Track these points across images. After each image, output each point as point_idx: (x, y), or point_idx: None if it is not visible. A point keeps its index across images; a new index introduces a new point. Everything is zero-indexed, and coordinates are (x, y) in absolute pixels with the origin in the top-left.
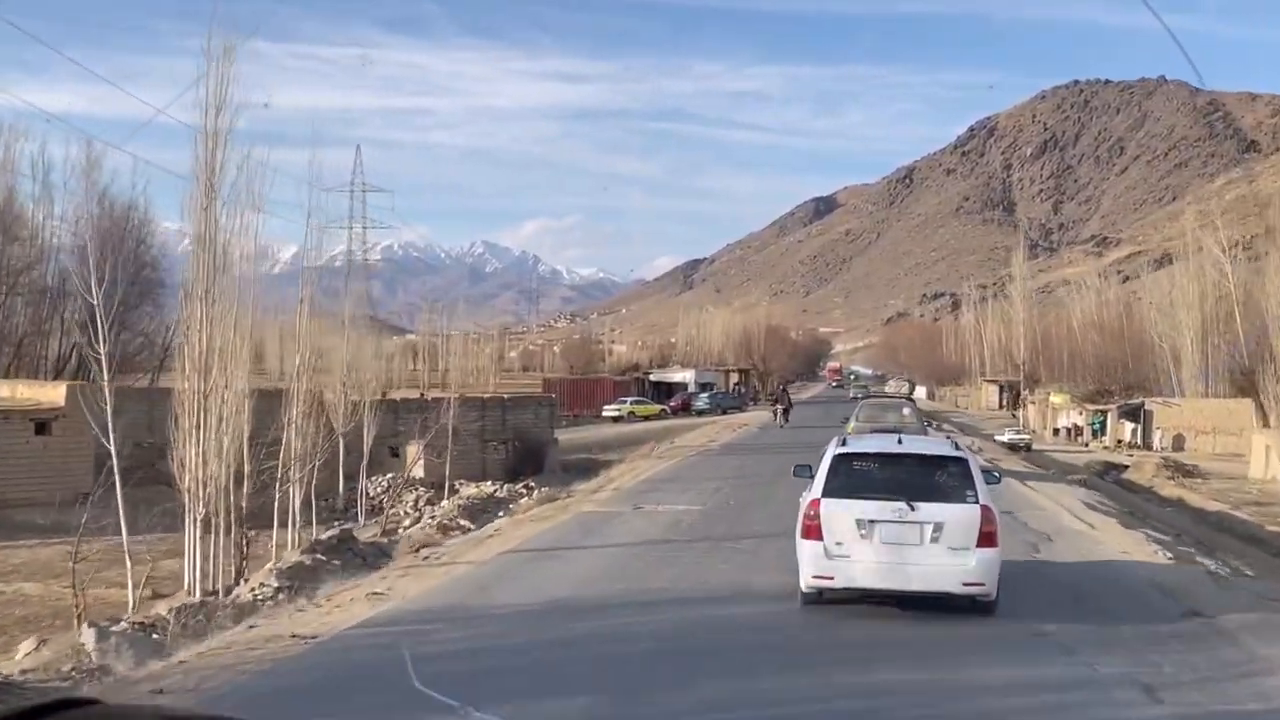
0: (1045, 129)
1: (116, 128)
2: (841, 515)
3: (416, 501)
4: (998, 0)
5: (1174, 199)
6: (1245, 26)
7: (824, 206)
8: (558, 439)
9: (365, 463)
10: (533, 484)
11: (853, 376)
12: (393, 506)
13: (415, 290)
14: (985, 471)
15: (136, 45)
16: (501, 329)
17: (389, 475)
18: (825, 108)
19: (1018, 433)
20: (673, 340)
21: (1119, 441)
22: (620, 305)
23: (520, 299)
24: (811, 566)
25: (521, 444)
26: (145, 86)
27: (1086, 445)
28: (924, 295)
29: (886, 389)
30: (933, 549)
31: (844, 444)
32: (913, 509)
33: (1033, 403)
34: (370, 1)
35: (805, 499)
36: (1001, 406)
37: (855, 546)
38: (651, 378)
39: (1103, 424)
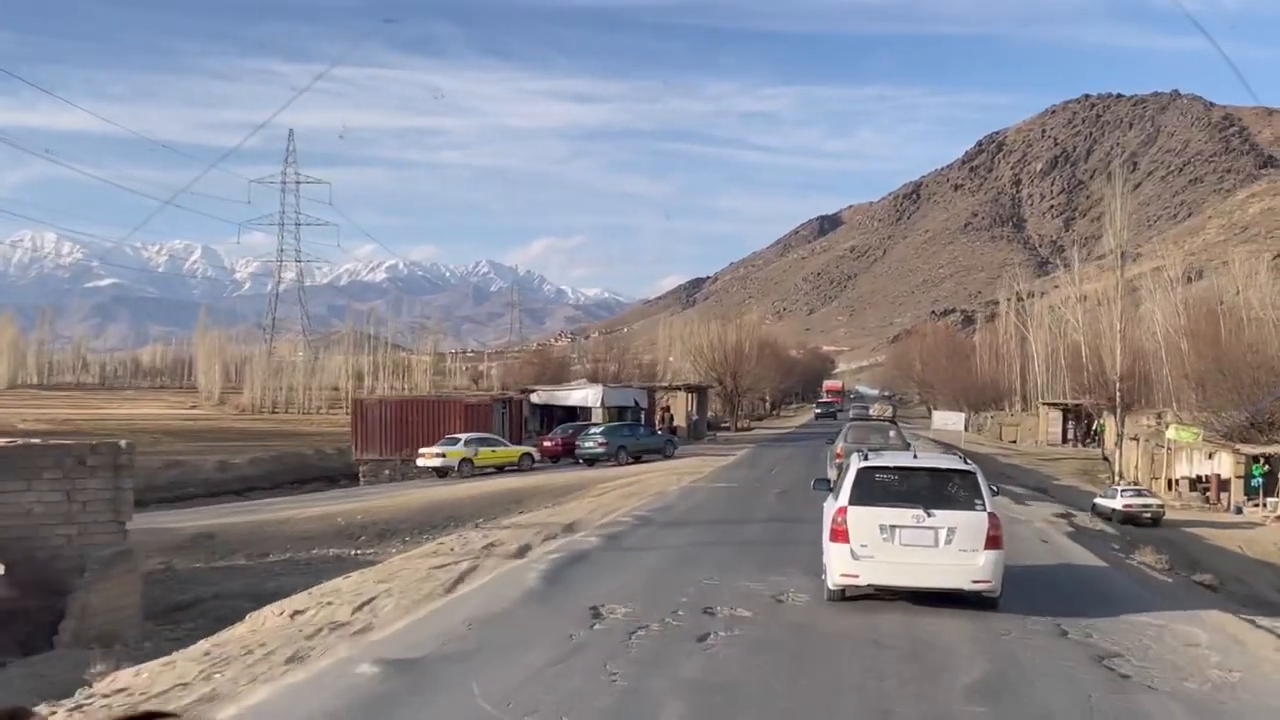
0: (1055, 144)
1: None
2: (866, 521)
3: None
4: (1011, 23)
5: (1190, 215)
6: (1258, 44)
7: (828, 224)
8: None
9: None
10: None
11: (853, 397)
12: None
13: (420, 310)
14: (989, 486)
15: (151, 64)
16: (435, 344)
17: None
18: (837, 129)
19: (1138, 493)
20: (651, 358)
21: None
22: (623, 324)
23: (524, 318)
24: (839, 566)
25: None
26: (161, 105)
27: (1240, 511)
28: (932, 312)
29: (870, 412)
30: (946, 550)
31: (866, 458)
32: (929, 515)
33: (1132, 438)
34: (385, 23)
35: (830, 507)
36: (1066, 440)
37: (878, 548)
38: (535, 398)
39: (1268, 475)
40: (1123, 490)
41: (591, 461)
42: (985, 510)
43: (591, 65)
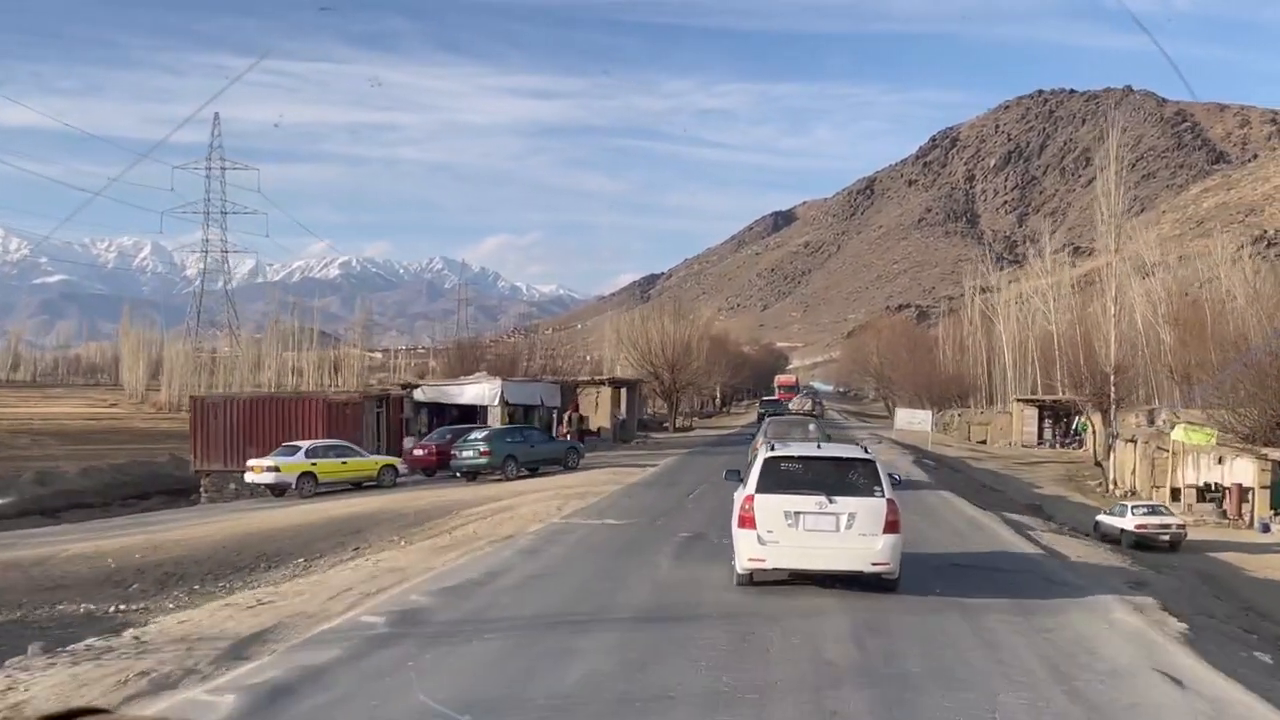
0: (1009, 140)
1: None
2: (772, 508)
3: None
4: (965, 21)
5: (1143, 210)
6: (1208, 44)
7: (782, 220)
8: None
9: None
10: None
11: (807, 392)
12: None
13: (373, 306)
14: (889, 475)
15: (101, 58)
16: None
17: None
18: (793, 126)
19: (1152, 511)
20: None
21: None
22: (576, 320)
23: (478, 315)
24: (747, 551)
25: None
26: (110, 99)
27: (1267, 528)
28: (886, 308)
29: (790, 407)
30: (847, 535)
31: (773, 449)
32: (831, 501)
33: (1129, 440)
34: (340, 16)
35: (739, 495)
36: (1042, 439)
37: (783, 534)
38: (420, 394)
39: None
40: (1134, 507)
41: (473, 475)
42: (884, 497)
43: (548, 62)
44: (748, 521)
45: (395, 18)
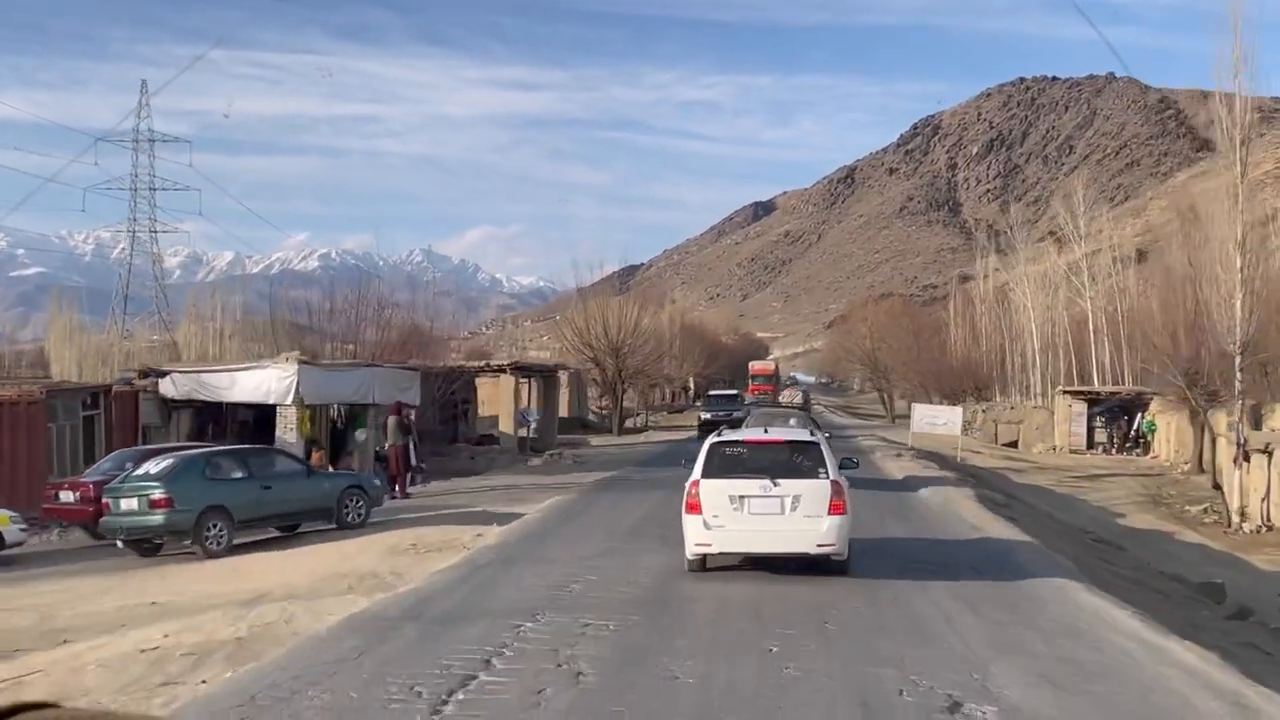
0: (991, 127)
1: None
2: (717, 492)
3: None
4: (948, 13)
5: (1128, 198)
6: (1189, 33)
7: (762, 210)
8: None
9: None
10: None
11: (789, 383)
12: None
13: (353, 298)
14: (845, 457)
15: (83, 51)
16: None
17: None
18: (777, 117)
19: None
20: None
21: None
22: (555, 312)
23: (459, 307)
24: (694, 536)
25: None
26: (93, 93)
27: None
28: (869, 298)
29: (780, 399)
30: (792, 517)
31: (720, 435)
32: (775, 485)
33: (1262, 450)
34: (324, 9)
35: (689, 482)
36: (1094, 444)
37: (729, 518)
38: (170, 387)
39: None
40: None
41: (151, 546)
42: (828, 479)
43: (530, 54)
44: (694, 507)
45: (377, 10)
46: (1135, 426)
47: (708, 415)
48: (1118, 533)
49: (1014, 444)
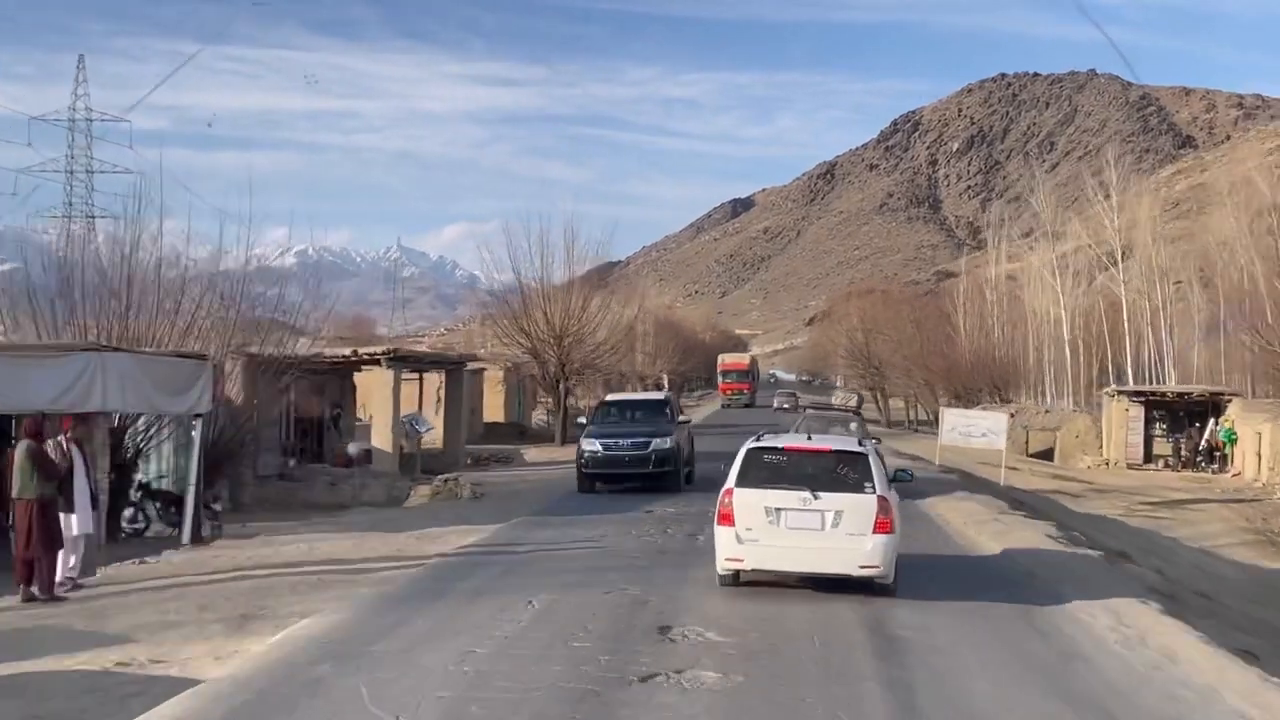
0: (972, 123)
1: None
2: (752, 503)
3: None
4: (929, 9)
5: (1108, 195)
6: (1171, 33)
7: (741, 206)
8: None
9: None
10: None
11: (771, 381)
12: None
13: (329, 295)
14: (899, 469)
15: (60, 44)
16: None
17: None
18: (757, 114)
19: None
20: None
21: None
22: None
23: (436, 303)
24: (725, 550)
25: None
26: (69, 84)
27: None
28: (851, 292)
29: (834, 401)
30: (833, 534)
31: (758, 439)
32: (816, 498)
33: None
34: (300, 3)
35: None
36: (1152, 457)
37: (763, 532)
38: None
39: None
40: None
41: None
42: (875, 493)
43: (509, 49)
44: (726, 518)
45: (356, 4)
46: (1208, 435)
47: (595, 448)
48: (1249, 591)
49: (1046, 455)
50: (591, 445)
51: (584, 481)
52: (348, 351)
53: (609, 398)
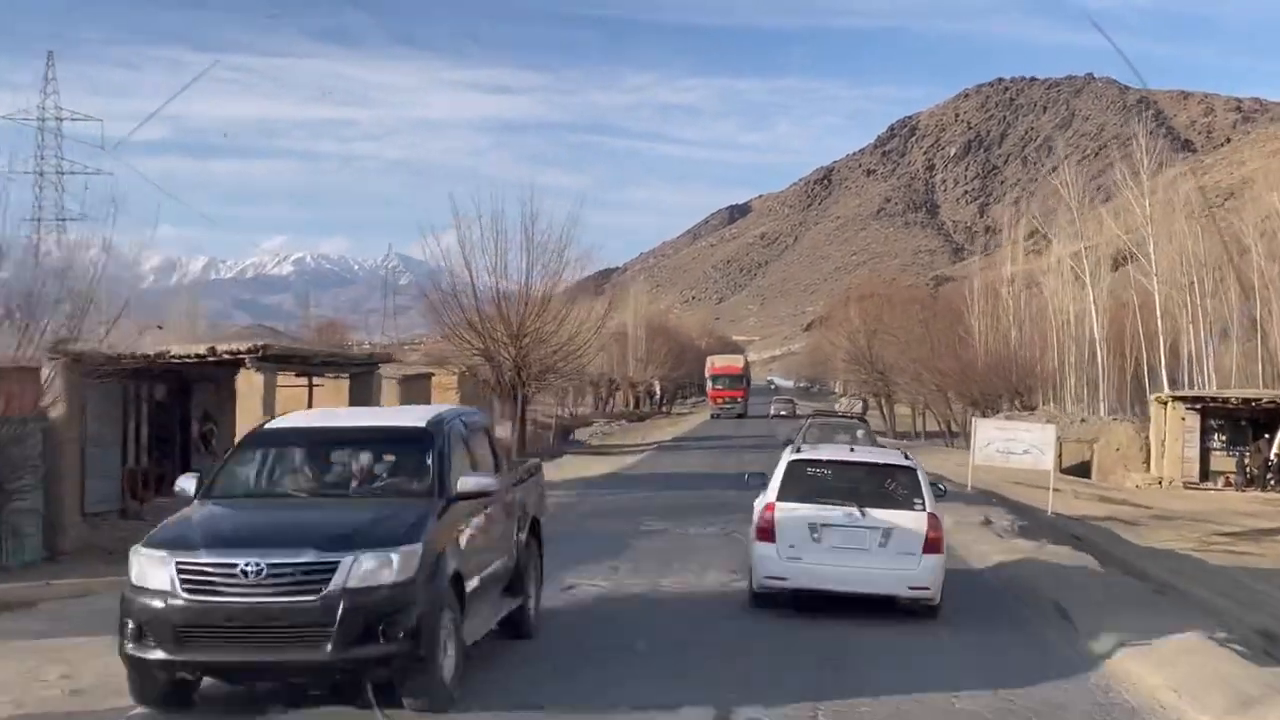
0: (969, 128)
1: None
2: (794, 519)
3: None
4: (926, 15)
5: (1108, 199)
6: (1169, 38)
7: (738, 212)
8: None
9: None
10: None
11: (771, 388)
12: None
13: (327, 304)
14: (932, 484)
15: (56, 52)
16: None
17: None
18: (754, 121)
19: None
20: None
21: None
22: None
23: (433, 311)
24: (764, 568)
25: None
26: (66, 92)
27: None
28: (848, 297)
29: (837, 408)
30: (880, 553)
31: (799, 451)
32: (863, 514)
33: None
34: (297, 11)
35: (759, 503)
36: (1209, 473)
37: (806, 549)
38: None
39: None
40: None
41: None
42: (925, 510)
43: (507, 56)
44: (766, 534)
45: (353, 12)
46: (1277, 448)
47: (166, 583)
48: None
49: (1078, 470)
50: (161, 573)
51: (140, 685)
52: (203, 349)
53: (276, 421)
